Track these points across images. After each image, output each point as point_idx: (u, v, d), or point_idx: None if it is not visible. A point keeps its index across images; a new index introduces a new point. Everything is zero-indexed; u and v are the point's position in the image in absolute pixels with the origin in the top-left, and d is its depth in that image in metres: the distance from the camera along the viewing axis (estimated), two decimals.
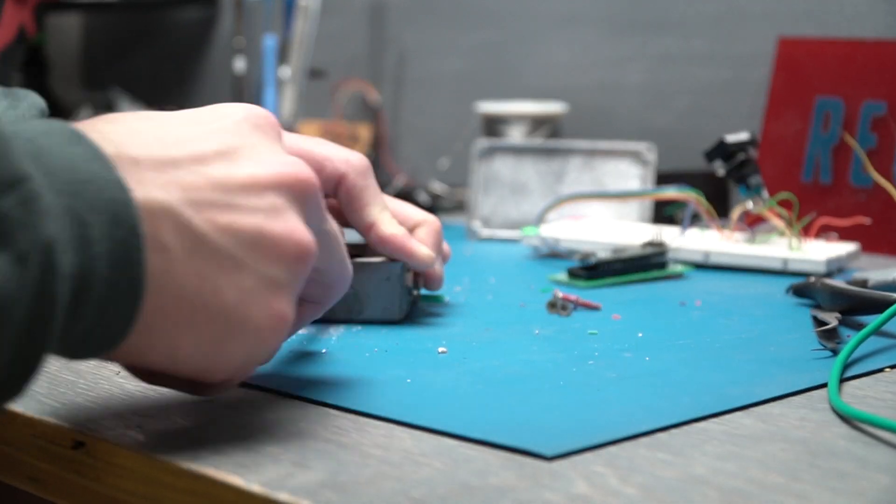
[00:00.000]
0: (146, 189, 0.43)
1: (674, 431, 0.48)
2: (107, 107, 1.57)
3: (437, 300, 0.71)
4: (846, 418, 0.49)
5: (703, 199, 0.87)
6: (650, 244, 0.82)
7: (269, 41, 1.36)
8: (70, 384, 0.55)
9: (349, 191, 0.62)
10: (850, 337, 0.59)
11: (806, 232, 0.87)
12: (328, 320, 0.66)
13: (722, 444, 0.46)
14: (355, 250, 0.67)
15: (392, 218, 0.64)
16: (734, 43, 1.22)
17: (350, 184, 0.62)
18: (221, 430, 0.48)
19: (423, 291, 0.71)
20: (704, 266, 0.84)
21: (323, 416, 0.50)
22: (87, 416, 0.50)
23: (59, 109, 1.66)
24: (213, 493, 0.43)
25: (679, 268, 0.83)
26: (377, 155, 1.47)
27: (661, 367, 0.58)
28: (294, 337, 0.63)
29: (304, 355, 0.59)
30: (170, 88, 1.80)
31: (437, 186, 1.20)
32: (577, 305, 0.71)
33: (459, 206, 1.18)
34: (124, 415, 0.50)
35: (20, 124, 0.42)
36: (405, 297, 0.66)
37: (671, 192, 0.89)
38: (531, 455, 0.44)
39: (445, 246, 0.71)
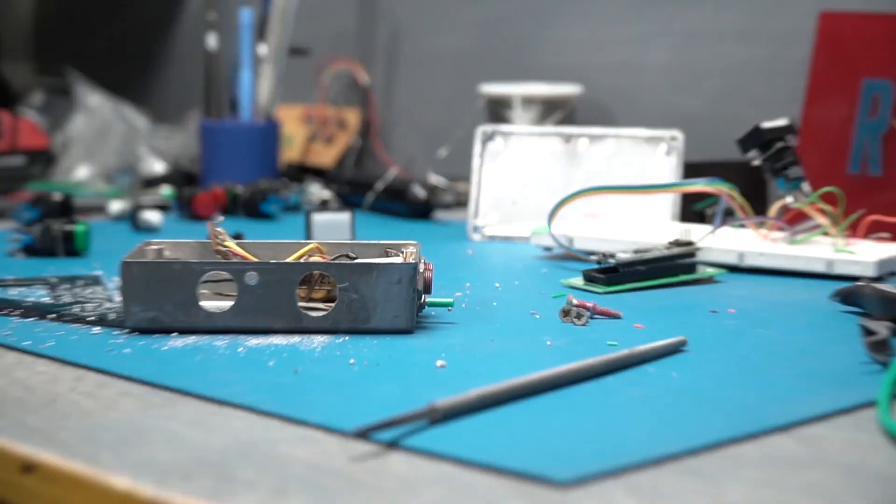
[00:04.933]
0: None
1: (704, 455, 0.48)
2: (62, 91, 1.57)
3: (445, 306, 0.70)
4: None
5: (736, 193, 0.87)
6: (677, 244, 0.82)
7: (246, 15, 1.36)
8: (18, 401, 0.54)
9: None
10: None
11: (853, 230, 0.87)
12: (329, 330, 0.65)
13: (758, 469, 0.46)
14: (359, 251, 0.67)
15: None
16: (771, 18, 1.22)
17: None
18: (190, 452, 0.48)
19: (430, 298, 0.70)
20: (739, 269, 0.85)
21: (306, 438, 0.50)
22: (38, 438, 0.50)
23: (8, 94, 1.66)
24: None
25: (710, 271, 0.83)
26: (367, 143, 1.47)
27: (689, 383, 0.58)
28: (272, 347, 0.63)
29: (284, 368, 0.59)
30: (133, 69, 1.80)
31: (435, 179, 1.20)
32: (595, 313, 0.71)
33: (460, 202, 1.18)
34: (81, 436, 0.50)
35: None
36: (415, 304, 0.66)
37: (700, 186, 0.89)
38: (543, 482, 0.44)
39: None
